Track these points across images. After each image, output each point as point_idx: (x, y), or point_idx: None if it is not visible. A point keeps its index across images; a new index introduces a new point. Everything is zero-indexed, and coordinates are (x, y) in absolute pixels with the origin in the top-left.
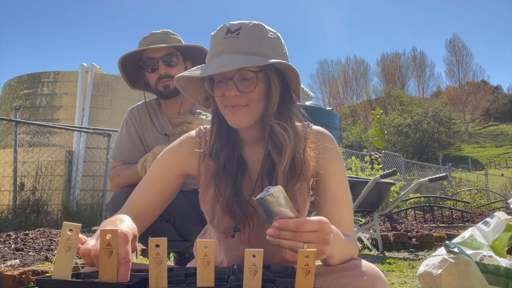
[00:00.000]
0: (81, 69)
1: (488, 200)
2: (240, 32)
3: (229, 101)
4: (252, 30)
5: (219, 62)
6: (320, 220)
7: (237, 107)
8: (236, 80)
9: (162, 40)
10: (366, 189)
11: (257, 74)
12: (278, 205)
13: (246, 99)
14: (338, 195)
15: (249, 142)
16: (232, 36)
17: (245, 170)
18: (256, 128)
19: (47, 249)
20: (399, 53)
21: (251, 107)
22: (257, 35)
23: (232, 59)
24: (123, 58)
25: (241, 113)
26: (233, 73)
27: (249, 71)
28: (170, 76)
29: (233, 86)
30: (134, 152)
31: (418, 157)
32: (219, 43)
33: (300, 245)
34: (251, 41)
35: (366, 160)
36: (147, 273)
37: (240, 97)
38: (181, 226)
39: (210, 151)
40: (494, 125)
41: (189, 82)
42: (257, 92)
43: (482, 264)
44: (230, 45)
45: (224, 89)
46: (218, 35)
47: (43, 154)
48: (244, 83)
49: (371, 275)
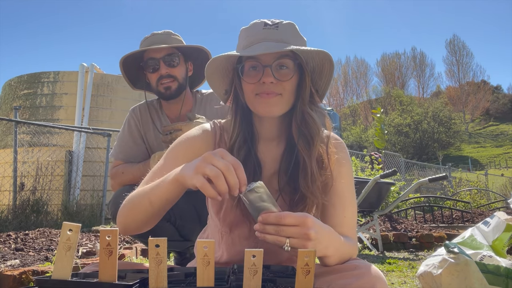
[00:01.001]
0: (81, 69)
1: (488, 200)
2: (279, 26)
3: (263, 88)
4: (289, 26)
5: (263, 47)
6: (302, 215)
7: (271, 95)
8: (274, 67)
9: (163, 40)
10: (366, 189)
11: (295, 64)
12: (261, 200)
13: (281, 88)
14: (344, 196)
15: (265, 139)
16: (272, 28)
17: (260, 167)
18: (276, 123)
19: (47, 249)
20: (399, 53)
21: (284, 96)
22: (294, 31)
23: (278, 45)
24: (124, 58)
25: (274, 101)
26: (272, 60)
27: (289, 60)
28: (171, 76)
29: (270, 73)
30: (136, 151)
31: (418, 157)
32: (258, 33)
33: (282, 240)
34: (290, 34)
35: (366, 160)
36: (147, 273)
37: (275, 85)
38: (182, 226)
39: (232, 144)
40: (494, 125)
41: (215, 72)
42: (292, 82)
43: (482, 264)
44: (270, 35)
45: (260, 76)
46: (255, 27)
47: (43, 154)
48: (281, 71)
49: (371, 275)
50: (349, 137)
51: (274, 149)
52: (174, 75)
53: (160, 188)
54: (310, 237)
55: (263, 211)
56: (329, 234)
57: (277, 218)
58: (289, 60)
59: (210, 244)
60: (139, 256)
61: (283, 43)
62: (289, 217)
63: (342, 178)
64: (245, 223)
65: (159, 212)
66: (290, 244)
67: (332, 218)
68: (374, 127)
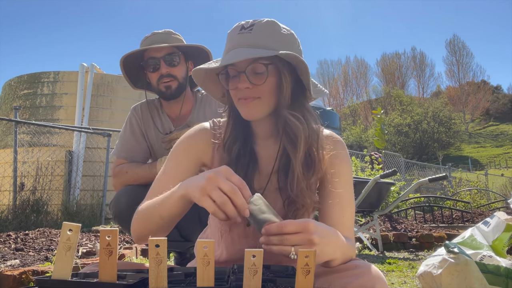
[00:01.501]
0: (81, 69)
1: (488, 200)
2: (253, 28)
3: (241, 94)
4: (265, 26)
5: (231, 55)
6: (303, 221)
7: (249, 99)
8: (248, 72)
9: (164, 39)
10: (366, 189)
11: (268, 67)
12: (261, 212)
13: (257, 92)
14: (342, 196)
15: (262, 136)
16: (246, 32)
17: (256, 163)
18: (269, 122)
19: (47, 249)
20: (399, 53)
21: (263, 99)
22: (270, 30)
23: (244, 52)
24: (125, 57)
25: (253, 105)
26: (245, 66)
27: (260, 64)
28: (172, 76)
29: (245, 79)
30: (138, 149)
31: (418, 157)
32: (234, 38)
33: (287, 249)
34: (264, 36)
35: (366, 160)
36: (147, 273)
37: (252, 90)
38: (182, 226)
39: (224, 143)
40: (494, 125)
41: (207, 78)
42: (268, 85)
43: (482, 264)
44: (243, 40)
45: (237, 82)
46: (233, 32)
47: (43, 154)
48: (256, 76)
49: (371, 275)
50: (349, 137)
51: (272, 146)
52: (174, 74)
53: (169, 203)
54: (314, 242)
55: (265, 223)
56: (335, 237)
57: (278, 228)
58: (260, 64)
59: (210, 244)
60: (139, 256)
61: (255, 47)
62: (290, 225)
63: (341, 178)
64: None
65: (171, 223)
66: (296, 252)
67: (331, 218)
68: (374, 127)
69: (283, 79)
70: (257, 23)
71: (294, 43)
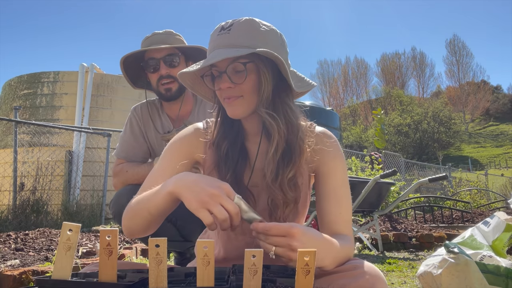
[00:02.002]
0: (81, 69)
1: (488, 200)
2: (232, 28)
3: (225, 93)
4: (243, 25)
5: (211, 56)
6: (288, 226)
7: (232, 98)
8: (229, 72)
9: (164, 40)
10: (366, 189)
11: (246, 66)
12: (245, 212)
13: (239, 91)
14: (337, 192)
15: (252, 133)
16: (224, 32)
17: (246, 158)
18: (256, 119)
19: (47, 249)
20: (399, 53)
21: (245, 97)
22: (248, 29)
23: (221, 52)
24: (125, 58)
25: (236, 103)
26: (225, 66)
27: (239, 63)
28: (171, 77)
29: (226, 78)
30: (138, 150)
31: (418, 157)
32: (213, 40)
33: (269, 247)
34: (242, 35)
35: (366, 160)
36: (147, 273)
37: (234, 89)
38: (182, 226)
39: (213, 141)
40: (494, 125)
41: (196, 80)
42: (248, 83)
43: (482, 264)
44: (222, 41)
45: (220, 82)
46: (214, 33)
47: (43, 154)
48: (237, 75)
49: (371, 275)
50: (349, 137)
51: (262, 143)
52: (174, 75)
53: (156, 199)
54: (293, 248)
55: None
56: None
57: (263, 229)
58: (239, 63)
59: (210, 244)
60: (139, 256)
61: (233, 47)
62: (273, 228)
63: (335, 174)
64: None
65: (159, 219)
66: (276, 252)
67: (327, 215)
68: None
69: (261, 76)
70: (236, 23)
71: (274, 40)
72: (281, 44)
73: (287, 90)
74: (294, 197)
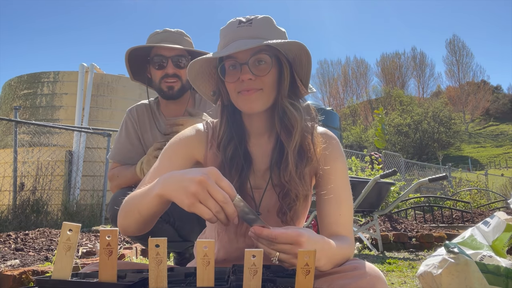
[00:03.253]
0: (81, 69)
1: (488, 200)
2: (253, 22)
3: (243, 86)
4: (264, 21)
5: (236, 45)
6: (296, 234)
7: (252, 91)
8: (251, 64)
9: (177, 40)
10: (366, 189)
11: (272, 58)
12: (245, 213)
13: (260, 83)
14: (338, 193)
15: (255, 134)
16: (246, 25)
17: (250, 163)
18: (264, 117)
19: (47, 249)
20: (399, 53)
21: (265, 91)
22: (269, 24)
23: (250, 42)
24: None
25: (255, 97)
26: (248, 57)
27: (265, 55)
28: (177, 76)
29: (247, 70)
30: (133, 153)
31: (418, 157)
32: (233, 31)
33: (272, 253)
34: (264, 29)
35: (366, 160)
36: (147, 273)
37: (254, 81)
38: (181, 227)
39: (219, 142)
40: (494, 125)
41: (199, 75)
42: (271, 76)
43: (482, 264)
44: (243, 33)
45: (239, 74)
46: (231, 27)
47: (43, 154)
48: (259, 67)
49: (371, 275)
50: (349, 137)
51: (265, 144)
52: (180, 75)
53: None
54: None
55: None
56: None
57: (269, 237)
58: (265, 54)
59: (210, 244)
60: (139, 256)
61: (257, 38)
62: (280, 237)
63: (336, 175)
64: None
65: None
66: (279, 258)
67: (327, 217)
68: (375, 127)
69: (284, 70)
70: (255, 18)
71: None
72: None
73: (296, 90)
74: (306, 194)
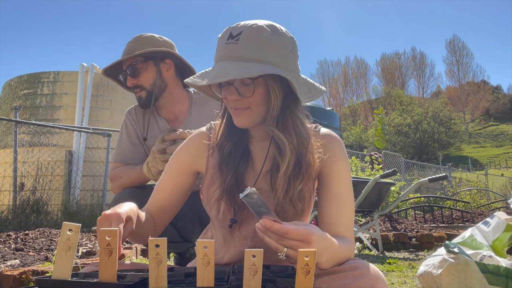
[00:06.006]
0: (81, 69)
1: (488, 200)
2: (240, 37)
3: (231, 104)
4: (252, 34)
5: (217, 69)
6: (307, 232)
7: (239, 110)
8: (237, 84)
9: (132, 49)
10: (366, 189)
11: (254, 81)
12: (257, 205)
13: (247, 103)
14: (340, 194)
15: (258, 138)
16: (232, 42)
17: (248, 160)
18: (263, 127)
19: (47, 249)
20: (399, 53)
21: (253, 109)
22: (257, 39)
23: (229, 68)
24: (105, 70)
25: (244, 114)
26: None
27: (247, 78)
28: (138, 86)
29: (233, 91)
30: (134, 153)
31: (418, 157)
32: (221, 49)
33: (280, 248)
34: (251, 46)
35: (366, 160)
36: (147, 273)
37: (241, 101)
38: (182, 227)
39: (217, 143)
40: (494, 125)
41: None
42: (256, 96)
43: (482, 264)
44: (230, 52)
45: (227, 93)
46: (221, 40)
47: (43, 154)
48: (245, 87)
49: (371, 275)
50: (349, 137)
51: (266, 148)
52: (140, 84)
53: None
54: None
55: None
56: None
57: (280, 231)
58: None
59: (210, 244)
60: (139, 256)
61: (241, 59)
62: (291, 233)
63: (338, 176)
64: (246, 223)
65: None
66: (287, 254)
67: (328, 217)
68: (375, 127)
69: (271, 91)
70: (244, 30)
71: (284, 48)
72: (291, 50)
73: (296, 100)
74: (302, 208)
